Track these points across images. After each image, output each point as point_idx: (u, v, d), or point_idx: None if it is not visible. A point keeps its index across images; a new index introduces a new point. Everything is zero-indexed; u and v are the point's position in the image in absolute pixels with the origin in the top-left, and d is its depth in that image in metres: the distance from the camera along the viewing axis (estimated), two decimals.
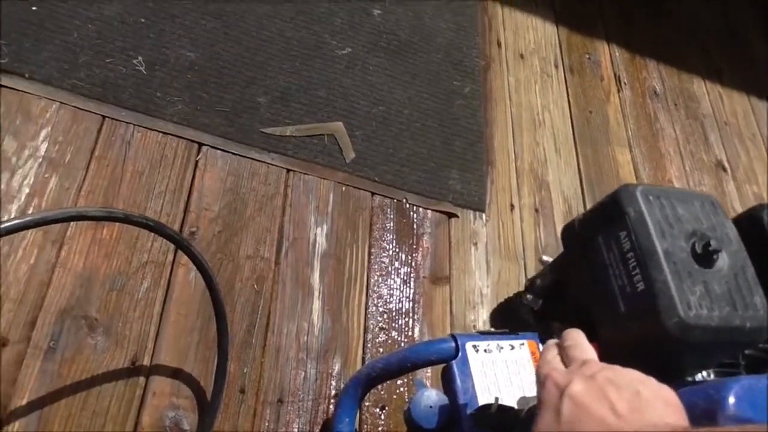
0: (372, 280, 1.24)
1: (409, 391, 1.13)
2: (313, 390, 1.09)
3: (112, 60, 1.23)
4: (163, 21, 1.32)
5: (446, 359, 0.83)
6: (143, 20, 1.30)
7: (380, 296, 1.23)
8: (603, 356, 0.49)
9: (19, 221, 0.70)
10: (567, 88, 1.77)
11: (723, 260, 0.55)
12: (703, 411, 0.48)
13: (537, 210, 1.50)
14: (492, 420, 0.75)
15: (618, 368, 0.45)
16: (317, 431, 1.06)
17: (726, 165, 1.86)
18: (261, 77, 1.35)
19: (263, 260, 1.16)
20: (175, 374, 1.01)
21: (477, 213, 1.42)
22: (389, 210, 1.33)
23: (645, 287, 0.52)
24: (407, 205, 1.35)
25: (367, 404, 1.11)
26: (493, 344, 0.85)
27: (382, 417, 1.10)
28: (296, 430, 1.05)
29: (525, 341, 0.88)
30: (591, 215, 0.61)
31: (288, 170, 1.28)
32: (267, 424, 1.03)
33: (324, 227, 1.25)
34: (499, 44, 1.74)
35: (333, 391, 1.10)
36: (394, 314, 1.22)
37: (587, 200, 1.58)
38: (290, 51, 1.42)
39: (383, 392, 1.12)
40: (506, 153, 1.55)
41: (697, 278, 0.53)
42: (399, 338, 1.20)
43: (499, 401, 0.75)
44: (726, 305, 0.52)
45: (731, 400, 0.47)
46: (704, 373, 0.64)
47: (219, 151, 1.23)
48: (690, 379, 0.61)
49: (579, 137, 1.68)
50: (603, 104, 1.80)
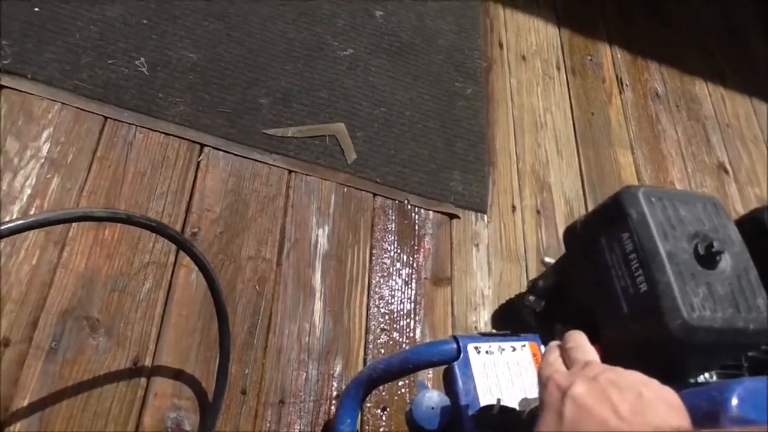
0: (373, 281, 1.24)
1: (411, 393, 1.13)
2: (315, 391, 1.09)
3: (115, 61, 1.23)
4: (166, 22, 1.32)
5: (448, 360, 0.82)
6: (145, 21, 1.30)
7: (382, 297, 1.23)
8: (605, 358, 0.49)
9: (23, 222, 0.70)
10: (569, 90, 1.77)
11: (726, 262, 0.55)
12: (706, 413, 0.48)
13: (538, 211, 1.50)
14: (493, 421, 0.75)
15: (620, 370, 0.45)
16: None
17: (728, 167, 1.86)
18: (263, 78, 1.36)
19: (265, 261, 1.16)
20: (177, 375, 1.02)
21: (478, 214, 1.42)
22: (391, 211, 1.33)
23: (648, 288, 0.52)
24: (409, 206, 1.35)
25: (369, 405, 1.11)
26: (495, 346, 0.85)
27: (384, 418, 1.10)
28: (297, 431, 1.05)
29: (526, 343, 0.88)
30: (593, 217, 0.61)
31: (290, 171, 1.28)
32: (268, 425, 1.03)
33: (325, 228, 1.25)
34: (501, 46, 1.74)
35: (334, 393, 1.10)
36: (396, 315, 1.22)
37: (589, 202, 1.58)
38: (292, 52, 1.42)
39: (385, 393, 1.12)
40: (508, 154, 1.55)
41: (700, 280, 0.53)
42: (400, 339, 1.20)
43: (501, 403, 0.75)
44: (729, 307, 0.52)
45: (734, 402, 0.47)
46: (706, 375, 0.64)
47: (221, 152, 1.23)
48: (692, 381, 0.61)
49: (581, 139, 1.68)
50: (605, 106, 1.80)
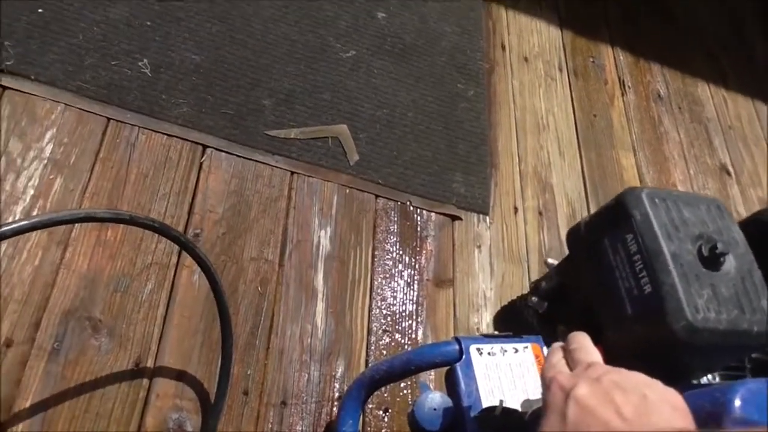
0: (375, 283, 1.24)
1: (413, 394, 1.13)
2: (317, 392, 1.09)
3: (118, 62, 1.24)
4: (169, 24, 1.33)
5: (450, 362, 0.82)
6: (149, 23, 1.31)
7: (384, 299, 1.23)
8: (608, 359, 0.49)
9: (26, 222, 0.70)
10: (571, 92, 1.77)
11: (730, 263, 0.55)
12: (709, 414, 0.48)
13: (541, 213, 1.50)
14: (496, 423, 0.75)
15: (624, 371, 0.45)
16: None
17: (730, 169, 1.86)
18: (266, 80, 1.36)
19: (267, 262, 1.16)
20: (179, 376, 1.01)
21: (481, 216, 1.42)
22: (393, 212, 1.33)
23: (652, 290, 0.52)
24: (411, 208, 1.35)
25: (371, 407, 1.11)
26: (497, 347, 0.85)
27: (386, 420, 1.10)
28: None
29: (529, 344, 0.87)
30: (597, 218, 0.61)
31: (292, 172, 1.28)
32: (270, 427, 1.03)
33: (328, 229, 1.25)
34: (503, 47, 1.74)
35: (336, 394, 1.10)
36: (398, 317, 1.22)
37: (591, 203, 1.58)
38: (295, 54, 1.42)
39: (387, 395, 1.12)
40: (510, 156, 1.55)
41: (705, 281, 0.53)
42: (402, 341, 1.20)
43: (504, 404, 0.74)
44: (734, 308, 0.52)
45: (737, 403, 0.47)
46: (710, 377, 0.64)
47: (223, 154, 1.23)
48: (695, 382, 0.61)
49: (583, 141, 1.68)
50: (607, 108, 1.79)
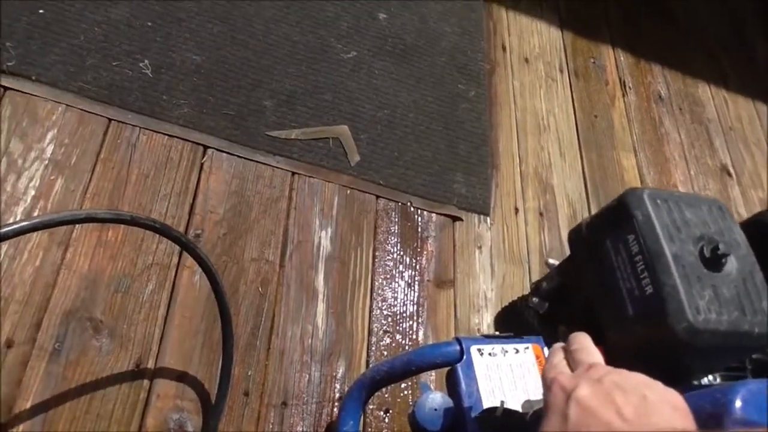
0: (376, 284, 1.24)
1: (414, 395, 1.13)
2: (317, 393, 1.09)
3: (119, 63, 1.24)
4: (170, 24, 1.33)
5: (451, 362, 0.82)
6: (150, 24, 1.31)
7: (384, 299, 1.23)
8: (609, 360, 0.49)
9: (27, 223, 0.70)
10: (572, 93, 1.77)
11: (731, 264, 0.55)
12: (710, 415, 0.48)
13: (541, 214, 1.50)
14: (497, 423, 0.75)
15: (625, 372, 0.45)
16: None
17: (731, 170, 1.86)
18: (267, 80, 1.36)
19: (268, 263, 1.16)
20: (180, 377, 1.02)
21: (481, 216, 1.42)
22: (394, 213, 1.33)
23: (653, 291, 0.52)
24: (412, 209, 1.35)
25: (372, 407, 1.10)
26: (498, 348, 0.85)
27: (387, 420, 1.10)
28: None
29: (529, 345, 0.88)
30: (598, 219, 0.61)
31: (293, 173, 1.28)
32: (271, 427, 1.03)
33: (328, 230, 1.25)
34: (504, 48, 1.74)
35: (337, 394, 1.10)
36: (399, 317, 1.22)
37: (592, 204, 1.58)
38: (296, 55, 1.43)
39: (387, 395, 1.12)
40: (511, 157, 1.55)
41: (706, 282, 0.53)
42: (403, 341, 1.20)
43: (504, 405, 0.74)
44: (735, 310, 0.52)
45: (738, 404, 0.47)
46: (710, 377, 0.64)
47: (224, 154, 1.24)
48: (696, 383, 0.61)
49: (584, 141, 1.68)
50: (608, 108, 1.80)
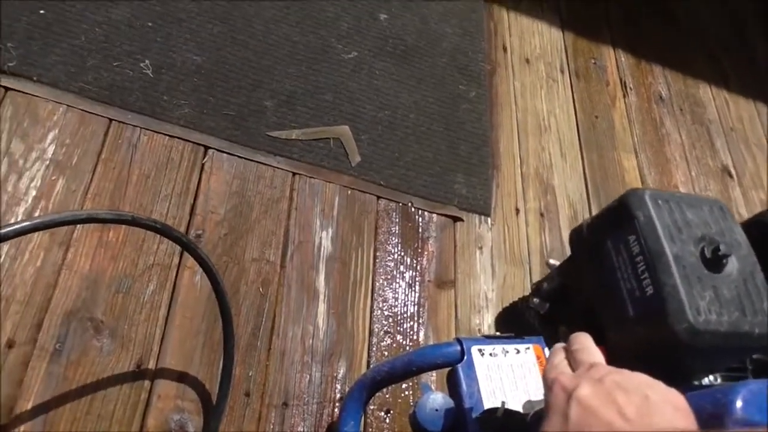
0: (377, 284, 1.24)
1: (415, 395, 1.13)
2: (318, 393, 1.09)
3: (120, 63, 1.24)
4: (170, 25, 1.33)
5: (451, 363, 0.82)
6: (150, 24, 1.31)
7: (385, 300, 1.23)
8: (610, 360, 0.49)
9: (28, 223, 0.70)
10: (573, 93, 1.77)
11: (732, 265, 0.55)
12: (711, 415, 0.48)
13: (542, 214, 1.50)
14: (498, 424, 0.75)
15: (626, 372, 0.45)
16: None
17: (732, 170, 1.86)
18: (267, 81, 1.36)
19: (269, 263, 1.16)
20: (181, 377, 1.02)
21: (482, 217, 1.42)
22: (394, 214, 1.33)
23: (654, 291, 0.52)
24: (412, 209, 1.35)
25: (372, 408, 1.10)
26: (499, 348, 0.85)
27: (387, 421, 1.10)
28: None
29: (530, 345, 0.88)
30: (599, 219, 0.61)
31: (294, 173, 1.28)
32: (272, 428, 1.03)
33: (329, 231, 1.25)
34: (505, 49, 1.74)
35: (338, 395, 1.10)
36: (399, 318, 1.22)
37: (593, 205, 1.58)
38: (297, 55, 1.43)
39: (388, 396, 1.12)
40: (512, 157, 1.55)
41: (707, 283, 0.53)
42: (404, 342, 1.20)
43: (506, 405, 0.74)
44: (735, 310, 0.52)
45: (739, 404, 0.47)
46: (711, 378, 0.64)
47: (225, 155, 1.24)
48: (697, 383, 0.61)
49: (584, 142, 1.68)
50: (609, 109, 1.79)
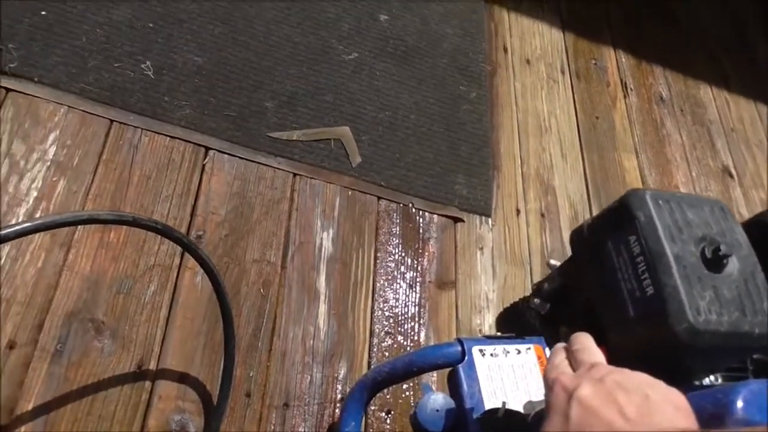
0: (378, 285, 1.24)
1: (415, 396, 1.13)
2: (319, 394, 1.09)
3: (121, 64, 1.24)
4: (171, 26, 1.33)
5: (452, 363, 0.82)
6: (151, 25, 1.31)
7: (386, 300, 1.23)
8: (611, 360, 0.49)
9: (30, 224, 0.70)
10: (573, 94, 1.77)
11: (733, 265, 0.55)
12: (712, 415, 0.48)
13: (543, 215, 1.50)
14: (499, 424, 0.75)
15: (627, 371, 0.45)
16: None
17: (733, 171, 1.86)
18: (268, 82, 1.36)
19: (269, 264, 1.16)
20: (182, 378, 1.02)
21: (483, 218, 1.42)
22: (395, 214, 1.33)
23: (654, 291, 0.52)
24: (413, 210, 1.35)
25: (373, 408, 1.11)
26: (500, 348, 0.85)
27: (388, 421, 1.10)
28: None
29: (531, 346, 0.87)
30: (600, 220, 0.61)
31: (294, 174, 1.28)
32: (273, 428, 1.03)
33: (330, 231, 1.25)
34: (506, 50, 1.74)
35: (339, 395, 1.10)
36: (400, 318, 1.22)
37: (593, 205, 1.58)
38: (297, 56, 1.43)
39: (389, 396, 1.12)
40: (512, 158, 1.55)
41: (707, 283, 0.53)
42: (405, 342, 1.20)
43: (506, 406, 0.74)
44: (735, 311, 0.52)
45: (739, 404, 0.47)
46: (712, 378, 0.64)
47: (226, 155, 1.24)
48: (697, 383, 0.61)
49: (585, 143, 1.68)
50: (609, 110, 1.80)
